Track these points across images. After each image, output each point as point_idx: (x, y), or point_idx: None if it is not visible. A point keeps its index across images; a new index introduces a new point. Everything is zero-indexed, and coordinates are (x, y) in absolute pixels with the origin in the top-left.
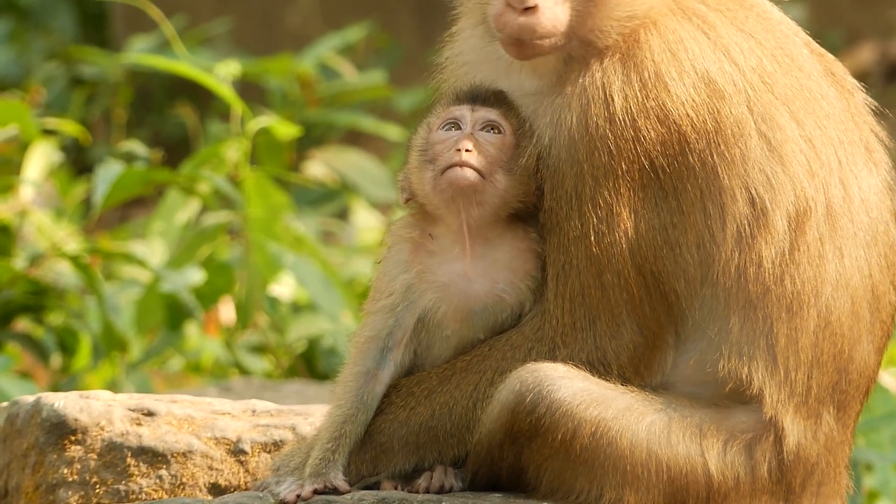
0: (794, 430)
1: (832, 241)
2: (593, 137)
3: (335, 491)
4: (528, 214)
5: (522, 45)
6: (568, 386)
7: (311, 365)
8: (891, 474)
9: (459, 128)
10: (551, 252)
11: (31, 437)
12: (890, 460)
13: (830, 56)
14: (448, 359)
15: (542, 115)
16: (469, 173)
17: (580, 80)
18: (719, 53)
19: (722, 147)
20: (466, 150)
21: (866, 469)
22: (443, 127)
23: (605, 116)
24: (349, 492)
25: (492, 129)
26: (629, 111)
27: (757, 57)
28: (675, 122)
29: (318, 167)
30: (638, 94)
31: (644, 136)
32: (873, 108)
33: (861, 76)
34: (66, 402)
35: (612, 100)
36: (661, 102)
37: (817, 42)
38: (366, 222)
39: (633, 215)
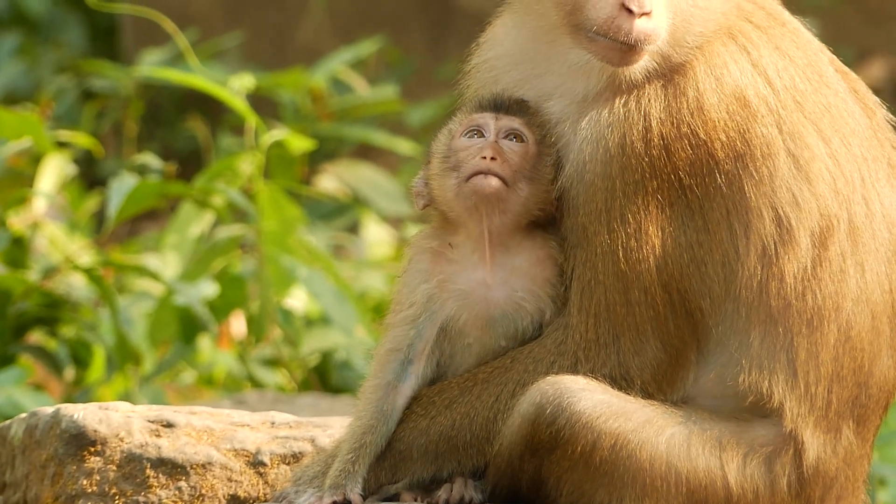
0: (813, 444)
1: (854, 257)
2: (629, 156)
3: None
4: (546, 222)
5: (632, 50)
6: (588, 398)
7: (325, 378)
8: None
9: (483, 135)
10: (577, 267)
11: (50, 448)
12: None
13: (853, 74)
14: (470, 367)
15: (584, 127)
16: (493, 181)
17: (628, 102)
18: (756, 75)
19: (750, 167)
20: (491, 158)
21: (880, 483)
22: (465, 134)
23: (643, 139)
24: None
25: (515, 137)
26: (664, 136)
27: (790, 75)
28: (706, 145)
29: (329, 181)
30: (674, 118)
31: (676, 157)
32: (893, 124)
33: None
34: (85, 414)
35: (651, 126)
36: (694, 129)
37: None
38: (377, 236)
39: (660, 233)
